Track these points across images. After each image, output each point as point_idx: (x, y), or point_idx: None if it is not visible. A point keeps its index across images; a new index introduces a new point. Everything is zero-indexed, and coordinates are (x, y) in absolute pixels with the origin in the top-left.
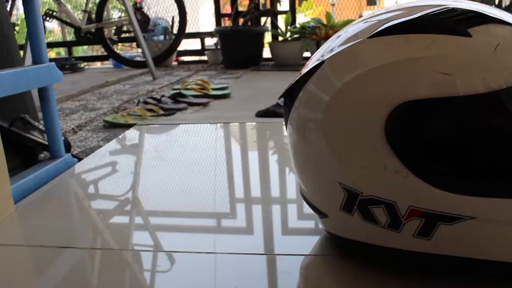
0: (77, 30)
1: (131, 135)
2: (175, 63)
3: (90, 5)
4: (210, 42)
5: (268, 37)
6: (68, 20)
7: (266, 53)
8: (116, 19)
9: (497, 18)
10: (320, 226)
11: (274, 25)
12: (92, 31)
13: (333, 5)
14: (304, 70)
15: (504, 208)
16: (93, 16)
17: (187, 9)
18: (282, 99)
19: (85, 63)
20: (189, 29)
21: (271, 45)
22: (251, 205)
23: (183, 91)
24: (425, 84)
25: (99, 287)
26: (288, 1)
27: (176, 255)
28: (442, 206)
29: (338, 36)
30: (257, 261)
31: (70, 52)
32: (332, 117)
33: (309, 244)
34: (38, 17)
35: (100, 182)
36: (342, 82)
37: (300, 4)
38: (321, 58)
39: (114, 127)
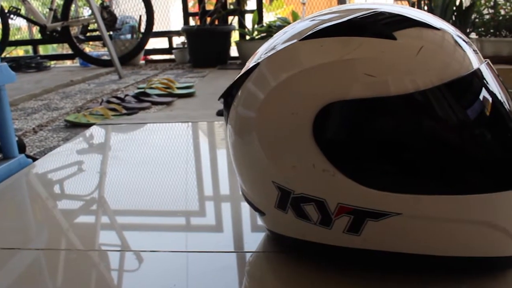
0: (43, 28)
1: (90, 134)
2: (142, 61)
3: (56, 3)
4: (179, 40)
5: (235, 36)
6: (33, 18)
7: (234, 52)
8: (82, 18)
9: (422, 22)
10: (261, 223)
11: (241, 24)
12: (58, 30)
13: (303, 4)
14: (245, 68)
15: (427, 204)
16: (59, 14)
17: (157, 8)
18: (222, 100)
19: (53, 62)
20: (159, 27)
21: (238, 44)
22: (220, 203)
23: (148, 90)
24: (350, 85)
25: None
26: (256, 0)
27: (144, 254)
28: (369, 203)
29: (285, 32)
30: (227, 258)
31: (35, 51)
32: (264, 116)
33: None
34: None
35: (55, 182)
36: (274, 83)
37: (270, 3)
38: (260, 57)
39: (76, 127)
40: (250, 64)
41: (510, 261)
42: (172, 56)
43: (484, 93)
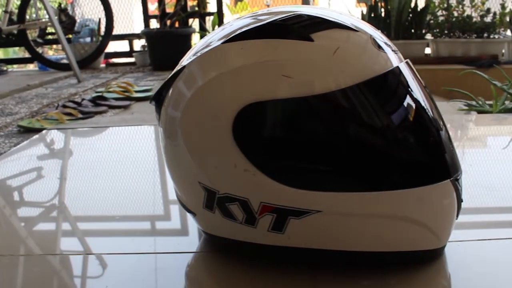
0: None
1: (40, 139)
2: (103, 65)
3: (12, 5)
4: (140, 43)
5: (196, 38)
6: None
7: None
8: (40, 21)
9: (341, 24)
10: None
11: (202, 27)
12: (14, 33)
13: (267, 6)
14: (178, 67)
15: (345, 201)
16: (15, 16)
17: (120, 10)
18: (154, 102)
19: (16, 65)
20: (122, 30)
21: None
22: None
23: (105, 94)
24: (267, 87)
25: None
26: (216, 3)
27: (107, 258)
28: (289, 201)
29: (223, 29)
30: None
31: None
32: (188, 117)
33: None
34: None
35: (5, 188)
36: (198, 84)
37: (235, 5)
38: (191, 58)
39: (29, 132)
40: (182, 62)
41: (434, 253)
42: (133, 59)
43: (402, 90)
